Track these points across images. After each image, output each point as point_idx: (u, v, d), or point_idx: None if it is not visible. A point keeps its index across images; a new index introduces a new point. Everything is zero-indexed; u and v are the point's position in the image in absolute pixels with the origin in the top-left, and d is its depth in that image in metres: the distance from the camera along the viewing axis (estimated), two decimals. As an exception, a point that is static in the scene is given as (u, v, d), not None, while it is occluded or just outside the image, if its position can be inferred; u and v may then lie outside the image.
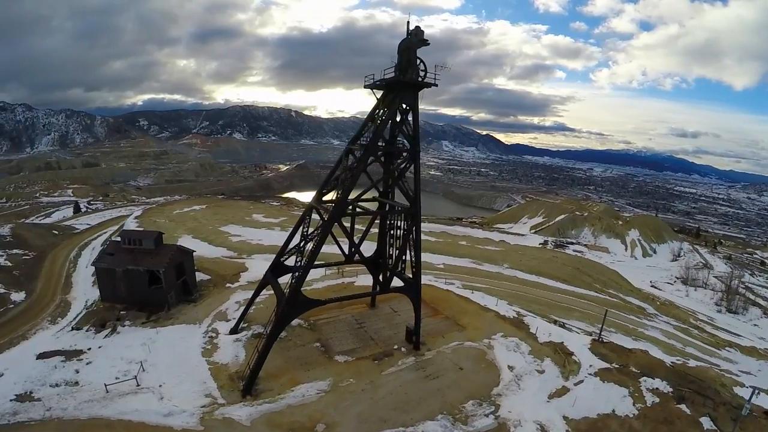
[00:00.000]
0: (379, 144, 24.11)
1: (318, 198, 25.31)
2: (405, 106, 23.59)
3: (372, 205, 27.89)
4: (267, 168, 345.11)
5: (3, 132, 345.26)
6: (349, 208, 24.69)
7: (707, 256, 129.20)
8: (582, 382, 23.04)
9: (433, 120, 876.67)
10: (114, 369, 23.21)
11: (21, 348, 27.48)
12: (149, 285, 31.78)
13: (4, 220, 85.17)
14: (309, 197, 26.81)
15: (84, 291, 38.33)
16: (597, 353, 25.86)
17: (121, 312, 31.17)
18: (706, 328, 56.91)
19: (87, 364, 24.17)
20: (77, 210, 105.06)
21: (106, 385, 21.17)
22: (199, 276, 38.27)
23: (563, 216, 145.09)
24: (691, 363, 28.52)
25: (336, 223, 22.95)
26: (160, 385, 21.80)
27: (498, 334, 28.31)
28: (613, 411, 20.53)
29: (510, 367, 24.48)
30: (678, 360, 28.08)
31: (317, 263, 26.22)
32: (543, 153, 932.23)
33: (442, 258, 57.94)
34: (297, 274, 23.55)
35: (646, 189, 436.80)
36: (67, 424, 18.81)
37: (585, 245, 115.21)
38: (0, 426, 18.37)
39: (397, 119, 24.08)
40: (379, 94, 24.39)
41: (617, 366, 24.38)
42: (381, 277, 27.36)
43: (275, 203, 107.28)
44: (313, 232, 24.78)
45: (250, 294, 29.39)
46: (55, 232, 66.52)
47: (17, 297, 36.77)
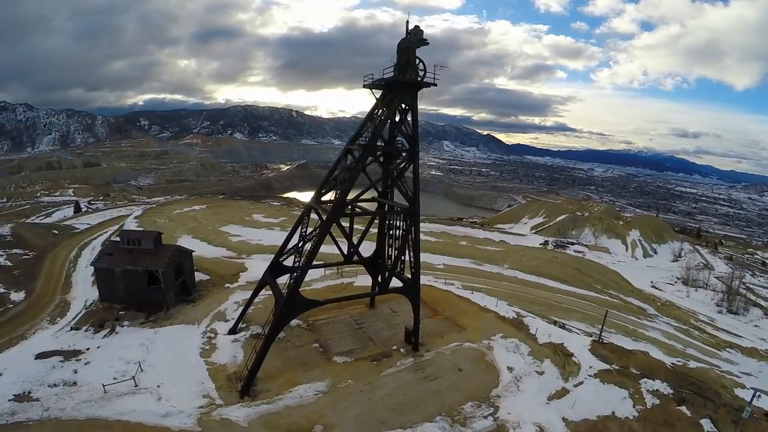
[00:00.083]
0: (378, 144, 24.00)
1: (316, 198, 25.22)
2: (404, 105, 23.47)
3: (371, 206, 27.79)
4: (268, 168, 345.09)
5: (4, 132, 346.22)
6: (348, 208, 24.59)
7: (708, 256, 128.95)
8: (582, 383, 22.93)
9: (434, 120, 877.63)
10: (112, 369, 23.22)
11: (20, 348, 27.47)
12: (148, 285, 31.72)
13: (4, 219, 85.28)
14: (310, 197, 26.75)
15: (83, 291, 38.31)
16: (597, 354, 25.73)
17: (120, 312, 31.13)
18: (706, 329, 56.71)
19: (85, 364, 24.19)
20: (77, 210, 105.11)
21: (104, 386, 21.19)
22: (199, 276, 38.20)
23: (564, 216, 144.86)
24: (692, 364, 28.41)
25: (335, 224, 22.87)
26: (158, 386, 21.79)
27: (498, 335, 28.17)
28: (613, 413, 20.43)
29: (509, 369, 24.35)
30: (678, 361, 27.96)
31: (316, 263, 26.11)
32: (544, 153, 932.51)
33: (442, 258, 57.81)
34: (295, 274, 23.48)
35: (647, 189, 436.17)
36: (65, 424, 18.83)
37: (586, 245, 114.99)
38: (-2, 426, 18.39)
39: (396, 119, 23.96)
40: (379, 94, 24.24)
41: (617, 367, 24.27)
42: (380, 278, 27.25)
43: (275, 203, 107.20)
44: (312, 232, 24.70)
45: (249, 294, 29.30)
46: (56, 231, 66.58)
47: (17, 297, 36.76)
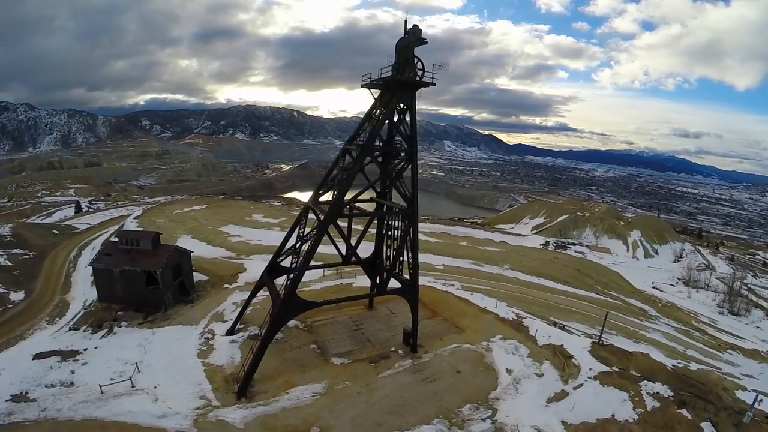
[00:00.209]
0: (377, 144, 23.86)
1: (314, 198, 25.09)
2: (402, 105, 23.34)
3: (369, 206, 27.66)
4: (269, 168, 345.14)
5: (5, 131, 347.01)
6: (346, 208, 24.46)
7: (709, 257, 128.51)
8: (581, 386, 22.77)
9: (436, 120, 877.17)
10: (109, 370, 23.15)
11: (18, 348, 27.44)
12: (146, 285, 31.65)
13: (5, 219, 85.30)
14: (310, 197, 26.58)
15: (83, 291, 38.25)
16: (597, 356, 25.56)
17: (118, 312, 31.08)
18: (708, 330, 56.41)
19: (83, 364, 24.13)
20: (78, 210, 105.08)
21: (100, 386, 21.12)
22: (197, 276, 38.13)
23: (565, 216, 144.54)
24: (693, 366, 28.22)
25: (332, 224, 22.74)
26: (154, 387, 21.70)
27: (497, 336, 28.01)
28: (613, 416, 20.28)
29: (508, 371, 24.19)
30: (679, 363, 27.78)
31: (314, 264, 25.99)
32: (545, 153, 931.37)
33: (442, 259, 57.60)
34: (292, 275, 23.36)
35: (648, 189, 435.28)
36: (62, 425, 18.78)
37: (586, 246, 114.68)
38: (-4, 426, 18.35)
39: (395, 119, 23.86)
40: (377, 93, 24.12)
41: (617, 369, 24.10)
42: (378, 279, 27.10)
43: (276, 203, 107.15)
44: (309, 233, 24.58)
45: (247, 295, 29.17)
46: (56, 231, 66.58)
47: (16, 297, 36.76)
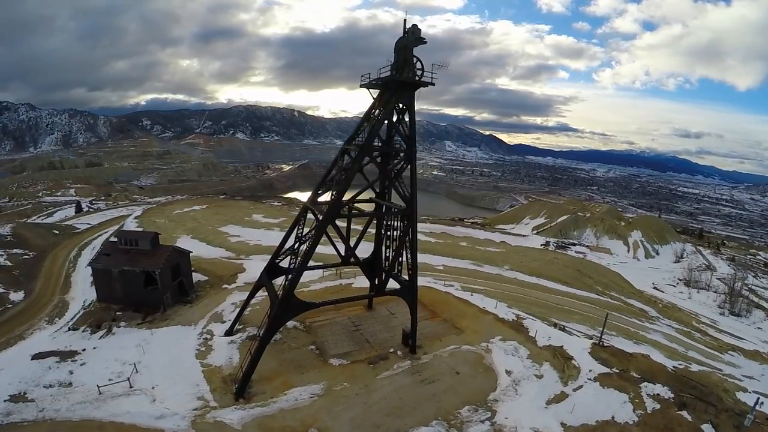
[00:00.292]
0: (376, 144, 23.79)
1: (313, 199, 25.02)
2: (401, 105, 23.27)
3: (369, 206, 27.57)
4: (270, 168, 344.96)
5: (6, 131, 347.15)
6: (345, 209, 24.37)
7: (710, 257, 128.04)
8: (581, 387, 22.63)
9: (436, 120, 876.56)
10: (107, 370, 23.14)
11: (17, 348, 27.43)
12: (145, 286, 31.61)
13: (6, 219, 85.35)
14: (311, 197, 26.44)
15: (82, 291, 38.22)
16: (597, 357, 25.43)
17: (117, 313, 31.05)
18: (708, 331, 56.26)
19: (81, 365, 24.13)
20: (79, 209, 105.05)
21: (98, 387, 21.09)
22: (197, 277, 38.10)
23: (565, 217, 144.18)
24: (694, 367, 28.12)
25: (331, 225, 22.65)
26: (152, 387, 21.68)
27: (496, 337, 27.90)
28: (613, 418, 20.14)
29: (508, 372, 24.07)
30: (680, 364, 27.67)
31: (313, 265, 25.92)
32: (546, 153, 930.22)
33: (442, 259, 57.51)
34: (290, 276, 23.27)
35: (649, 189, 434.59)
36: (60, 425, 18.79)
37: (587, 246, 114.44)
38: (-6, 426, 18.33)
39: (394, 119, 23.78)
40: (377, 93, 24.06)
41: (618, 371, 23.97)
42: (377, 280, 27.01)
43: (276, 203, 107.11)
44: (308, 233, 24.50)
45: (246, 295, 29.09)
46: (56, 231, 66.54)
47: (16, 297, 36.75)
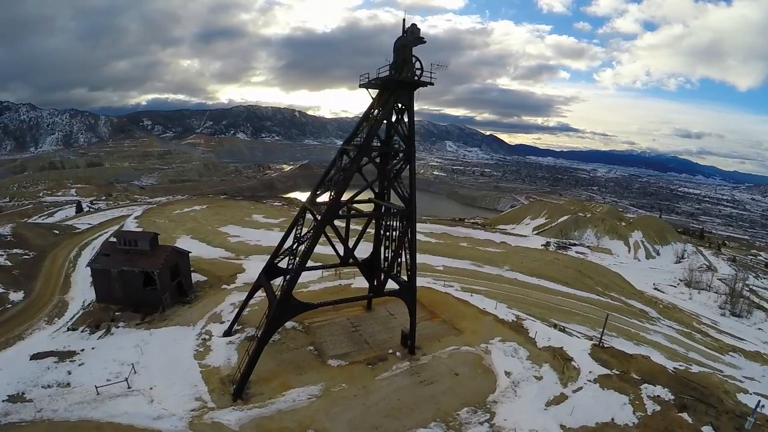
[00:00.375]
0: (375, 144, 23.70)
1: (312, 199, 24.93)
2: (400, 105, 23.20)
3: (368, 207, 27.48)
4: (270, 168, 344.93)
5: (7, 131, 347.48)
6: (343, 209, 24.27)
7: (711, 258, 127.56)
8: (581, 389, 22.54)
9: (437, 120, 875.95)
10: (106, 371, 23.14)
11: (16, 348, 27.44)
12: (144, 286, 31.58)
13: (6, 219, 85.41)
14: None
15: (82, 291, 38.20)
16: (597, 359, 25.35)
17: (116, 313, 31.03)
18: (709, 332, 55.98)
19: (80, 365, 24.14)
20: (79, 209, 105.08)
21: (96, 387, 21.07)
22: (196, 277, 38.05)
23: (566, 217, 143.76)
24: (694, 368, 28.02)
25: (329, 225, 22.57)
26: (150, 388, 21.66)
27: (496, 338, 27.81)
28: (613, 420, 20.05)
29: (507, 373, 23.99)
30: (680, 365, 27.57)
31: (312, 265, 25.84)
32: (546, 153, 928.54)
33: (441, 260, 57.30)
34: (288, 276, 23.19)
35: (650, 190, 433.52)
36: (57, 425, 18.81)
37: (588, 247, 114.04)
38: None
39: (393, 119, 23.68)
40: (375, 93, 23.97)
41: (618, 372, 23.88)
42: (375, 280, 26.91)
43: (276, 203, 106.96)
44: (306, 233, 24.42)
45: (245, 295, 29.04)
46: (56, 231, 66.52)
47: (16, 297, 36.76)
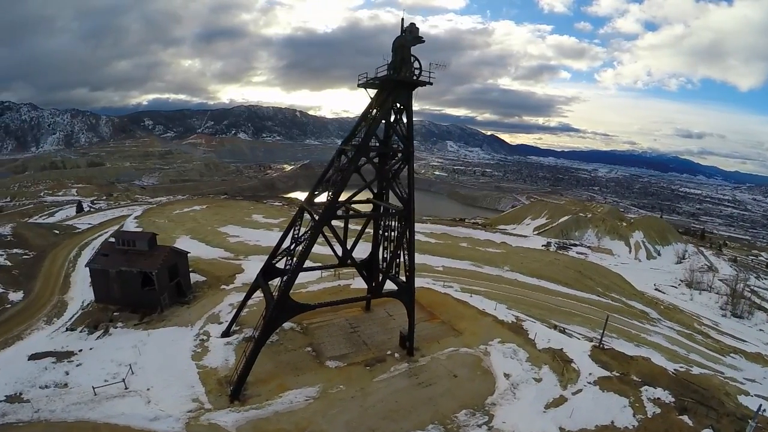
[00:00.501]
0: (373, 144, 23.57)
1: (309, 199, 24.81)
2: (399, 105, 23.09)
3: (367, 207, 27.35)
4: (271, 168, 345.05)
5: (8, 131, 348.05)
6: (342, 209, 24.15)
7: (712, 258, 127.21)
8: (581, 391, 22.40)
9: (438, 120, 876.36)
10: (103, 371, 23.06)
11: (15, 348, 27.39)
12: (142, 286, 31.53)
13: (7, 219, 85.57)
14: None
15: (81, 291, 38.13)
16: (597, 360, 25.20)
17: (115, 313, 30.97)
18: (710, 333, 55.71)
19: (77, 365, 24.05)
20: (80, 209, 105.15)
21: (93, 388, 20.99)
22: (195, 277, 37.97)
23: (567, 217, 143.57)
24: (695, 370, 27.87)
25: (327, 226, 22.44)
26: (147, 389, 21.56)
27: (495, 339, 27.66)
28: (612, 422, 19.92)
29: (506, 375, 23.83)
30: (681, 367, 27.42)
31: (310, 266, 25.72)
32: (548, 153, 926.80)
33: (441, 260, 57.11)
34: (286, 277, 23.08)
35: (651, 190, 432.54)
36: (54, 426, 18.76)
37: (588, 247, 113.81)
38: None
39: (391, 119, 23.57)
40: (374, 93, 23.84)
41: (618, 374, 23.74)
42: (374, 281, 26.78)
43: (276, 203, 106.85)
44: (304, 234, 24.30)
45: (244, 296, 28.94)
46: (56, 231, 66.51)
47: (15, 297, 36.74)
